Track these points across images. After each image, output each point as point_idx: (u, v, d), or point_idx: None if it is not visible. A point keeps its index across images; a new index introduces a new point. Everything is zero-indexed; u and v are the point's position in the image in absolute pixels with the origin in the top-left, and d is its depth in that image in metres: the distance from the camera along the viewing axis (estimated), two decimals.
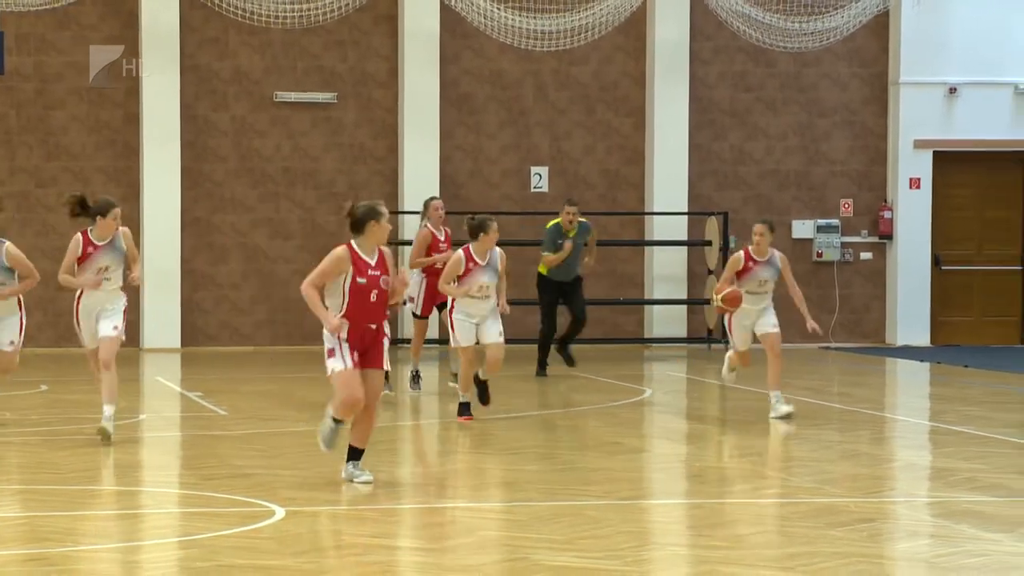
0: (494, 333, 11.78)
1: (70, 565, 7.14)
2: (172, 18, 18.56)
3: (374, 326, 8.52)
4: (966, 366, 18.32)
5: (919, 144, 20.67)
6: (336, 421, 8.67)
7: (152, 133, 18.73)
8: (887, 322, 21.87)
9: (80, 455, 10.94)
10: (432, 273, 12.89)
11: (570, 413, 14.16)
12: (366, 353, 8.46)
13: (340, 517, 8.88)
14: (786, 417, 11.76)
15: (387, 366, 10.08)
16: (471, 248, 11.58)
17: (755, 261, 11.46)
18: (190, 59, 18.96)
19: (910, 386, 19.01)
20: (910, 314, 21.60)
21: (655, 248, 20.60)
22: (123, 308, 10.92)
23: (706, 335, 21.02)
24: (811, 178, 20.92)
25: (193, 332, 19.25)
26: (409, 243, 16.44)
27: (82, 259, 10.74)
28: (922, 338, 21.05)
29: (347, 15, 18.37)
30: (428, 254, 13.08)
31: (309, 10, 18.22)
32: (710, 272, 20.43)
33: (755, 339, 12.61)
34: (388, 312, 8.64)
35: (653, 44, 20.23)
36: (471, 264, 11.65)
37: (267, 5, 18.15)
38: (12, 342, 10.75)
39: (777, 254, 11.73)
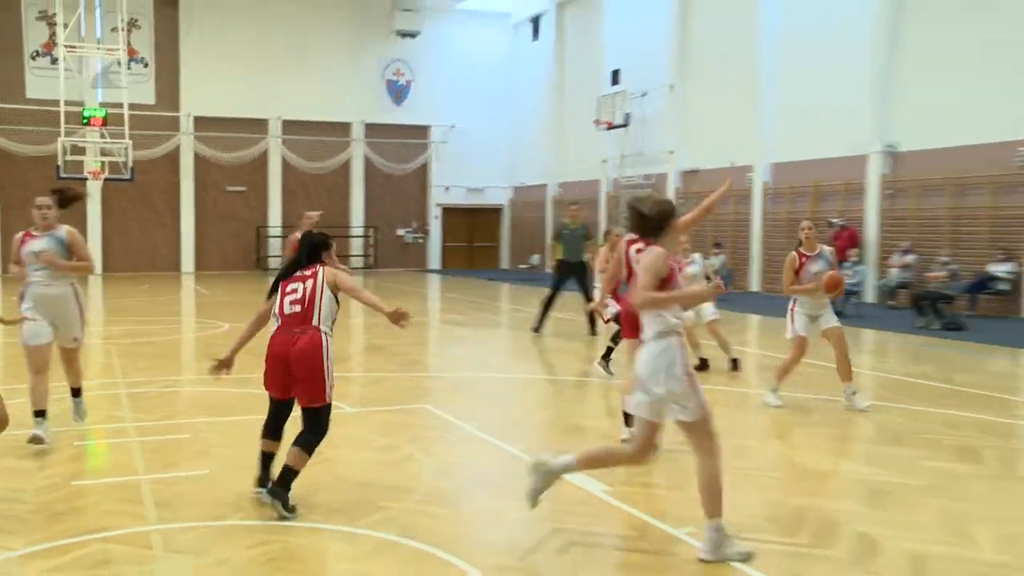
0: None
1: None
2: (189, 161, 38.85)
3: None
4: (462, 277, 37.21)
5: (439, 204, 40.67)
6: None
7: (184, 200, 38.93)
8: (427, 260, 41.45)
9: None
10: None
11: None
12: None
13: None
14: (865, 410, 10.18)
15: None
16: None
17: (807, 256, 10.41)
18: (199, 176, 38.44)
19: (450, 286, 29.57)
20: (434, 258, 41.34)
21: (351, 239, 40.29)
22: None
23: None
24: (405, 215, 40.80)
25: None
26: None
27: None
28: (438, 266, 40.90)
29: (249, 161, 39.45)
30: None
31: (239, 159, 39.98)
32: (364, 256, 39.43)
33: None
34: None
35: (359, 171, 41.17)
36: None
37: (225, 158, 39.61)
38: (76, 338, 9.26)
39: (827, 249, 10.61)
